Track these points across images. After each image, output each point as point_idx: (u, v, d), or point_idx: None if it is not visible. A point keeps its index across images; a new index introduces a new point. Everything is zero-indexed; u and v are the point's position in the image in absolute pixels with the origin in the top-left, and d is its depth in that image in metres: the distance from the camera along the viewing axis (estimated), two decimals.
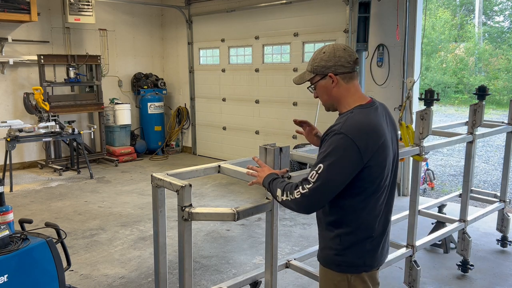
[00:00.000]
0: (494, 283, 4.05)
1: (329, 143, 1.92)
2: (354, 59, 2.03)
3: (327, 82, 2.05)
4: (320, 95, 2.14)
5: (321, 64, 2.04)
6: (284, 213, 5.96)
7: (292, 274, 4.01)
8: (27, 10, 7.71)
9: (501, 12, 21.74)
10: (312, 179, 1.90)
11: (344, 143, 1.88)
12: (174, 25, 10.12)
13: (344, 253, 2.05)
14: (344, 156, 1.88)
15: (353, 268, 2.07)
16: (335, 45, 2.06)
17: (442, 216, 4.68)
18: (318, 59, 2.05)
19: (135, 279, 4.19)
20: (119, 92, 9.89)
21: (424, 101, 3.66)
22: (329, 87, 2.06)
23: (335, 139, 1.90)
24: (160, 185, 2.49)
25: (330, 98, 2.09)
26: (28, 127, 7.36)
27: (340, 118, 2.02)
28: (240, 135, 8.99)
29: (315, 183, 1.90)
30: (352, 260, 2.06)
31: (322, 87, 2.09)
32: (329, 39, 7.24)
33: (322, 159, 1.91)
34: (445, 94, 19.58)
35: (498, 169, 8.62)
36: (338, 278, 2.09)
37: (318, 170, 1.90)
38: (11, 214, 2.93)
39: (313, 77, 2.10)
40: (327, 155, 1.90)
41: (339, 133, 1.90)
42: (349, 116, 1.98)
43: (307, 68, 2.13)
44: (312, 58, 2.10)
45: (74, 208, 6.25)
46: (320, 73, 2.05)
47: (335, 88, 2.05)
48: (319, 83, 2.08)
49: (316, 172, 1.90)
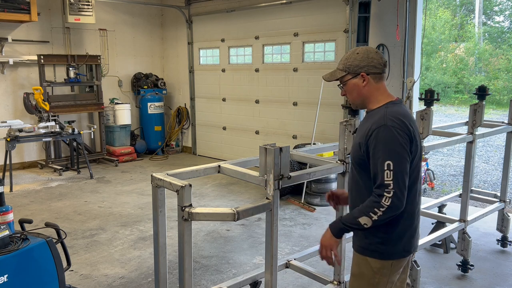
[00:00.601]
0: (494, 283, 4.05)
1: (381, 138, 2.03)
2: (384, 62, 2.21)
3: (358, 81, 2.19)
4: (349, 93, 2.25)
5: (355, 64, 2.17)
6: (284, 213, 5.97)
7: (292, 274, 4.01)
8: (27, 10, 7.71)
9: (501, 12, 21.75)
10: (388, 178, 1.99)
11: (396, 133, 2.02)
12: (174, 25, 10.12)
13: (389, 242, 2.17)
14: (401, 145, 2.02)
15: (396, 254, 2.20)
16: (368, 47, 2.23)
17: (442, 216, 4.67)
18: (352, 59, 2.19)
19: (135, 279, 4.19)
20: (119, 92, 9.89)
21: (424, 101, 3.66)
22: (360, 85, 2.19)
23: (385, 133, 2.03)
24: (160, 185, 2.49)
25: (360, 96, 2.22)
26: (28, 127, 7.35)
27: (375, 113, 2.15)
28: (240, 135, 8.99)
29: (394, 180, 1.99)
30: (396, 247, 2.18)
31: (353, 85, 2.21)
32: (329, 39, 7.24)
33: (385, 155, 2.01)
34: (445, 94, 19.58)
35: (498, 169, 8.62)
36: (379, 265, 2.19)
37: (389, 167, 1.99)
38: (11, 214, 2.93)
39: (345, 75, 2.21)
40: (387, 150, 2.01)
41: (386, 125, 2.04)
42: (386, 110, 2.12)
43: (338, 67, 2.24)
44: (344, 58, 2.22)
45: (74, 208, 6.25)
46: (353, 71, 2.18)
47: (366, 87, 2.19)
48: (351, 81, 2.20)
49: (390, 170, 1.99)
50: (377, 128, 2.05)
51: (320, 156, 3.26)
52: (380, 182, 2.01)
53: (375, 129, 2.06)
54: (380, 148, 2.03)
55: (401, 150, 2.02)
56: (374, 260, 2.20)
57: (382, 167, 2.00)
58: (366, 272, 2.23)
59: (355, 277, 2.31)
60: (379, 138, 2.03)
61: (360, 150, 2.15)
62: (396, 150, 2.01)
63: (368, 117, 2.22)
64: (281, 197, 6.36)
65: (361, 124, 2.29)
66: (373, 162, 2.06)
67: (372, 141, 2.06)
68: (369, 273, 2.22)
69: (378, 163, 2.02)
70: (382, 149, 2.02)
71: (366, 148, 2.10)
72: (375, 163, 2.04)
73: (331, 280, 3.21)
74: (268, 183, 2.43)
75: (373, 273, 2.21)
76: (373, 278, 2.22)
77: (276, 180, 2.41)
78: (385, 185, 1.99)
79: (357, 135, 2.27)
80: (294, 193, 6.63)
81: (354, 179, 2.28)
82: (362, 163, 2.16)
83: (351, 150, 2.32)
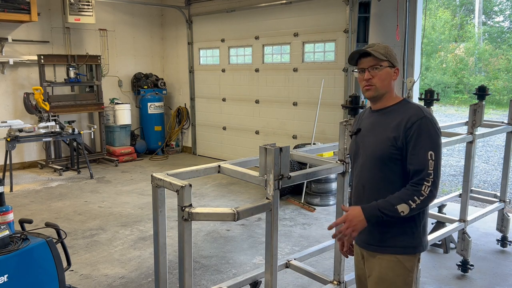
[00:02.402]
0: (494, 283, 4.05)
1: (425, 129, 2.09)
2: None
3: (392, 72, 2.25)
4: (382, 79, 2.23)
5: (394, 57, 2.25)
6: (284, 213, 5.97)
7: (292, 274, 4.01)
8: (27, 10, 7.71)
9: (501, 12, 21.73)
10: (431, 167, 2.05)
11: (436, 125, 2.13)
12: (174, 25, 10.13)
13: (418, 234, 2.21)
14: (439, 137, 2.13)
15: (424, 246, 2.25)
16: None
17: (442, 216, 4.68)
18: (391, 51, 2.25)
19: (135, 279, 4.19)
20: (119, 92, 9.89)
21: (424, 101, 3.67)
22: (392, 77, 2.25)
23: (427, 124, 2.10)
24: (160, 185, 2.49)
25: (388, 86, 2.25)
26: (28, 127, 7.35)
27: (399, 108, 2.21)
28: (240, 135, 8.99)
29: (434, 170, 2.06)
30: (423, 238, 2.23)
31: (387, 73, 2.23)
32: (329, 39, 7.24)
33: (429, 145, 2.07)
34: (445, 94, 19.58)
35: (498, 169, 8.62)
36: (410, 262, 2.20)
37: (431, 157, 2.06)
38: (11, 214, 2.93)
39: (385, 61, 2.23)
40: (431, 140, 2.08)
41: (426, 117, 2.11)
42: (411, 104, 2.22)
43: (379, 50, 2.21)
44: (383, 47, 2.23)
45: (74, 208, 6.26)
46: (393, 62, 2.24)
47: (394, 81, 2.28)
48: (387, 68, 2.23)
49: (432, 159, 2.06)
50: (418, 120, 2.09)
51: (320, 156, 3.26)
52: (424, 171, 2.05)
53: (415, 121, 2.09)
54: (424, 138, 2.07)
55: (439, 141, 2.12)
56: (407, 257, 2.18)
57: (426, 156, 2.06)
58: (399, 272, 2.17)
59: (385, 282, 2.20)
60: (422, 128, 2.08)
61: (396, 144, 2.12)
62: (437, 141, 2.10)
63: (386, 113, 2.23)
64: (281, 197, 6.36)
65: (376, 121, 2.26)
66: (413, 153, 2.08)
67: (414, 133, 2.08)
68: (403, 272, 2.18)
69: (421, 153, 2.07)
70: (426, 139, 2.07)
71: (405, 140, 2.10)
72: (416, 153, 2.08)
73: (331, 280, 3.21)
74: (268, 183, 2.43)
75: (407, 271, 2.18)
76: (408, 276, 2.19)
77: (276, 180, 2.41)
78: (428, 173, 2.05)
79: (377, 132, 2.22)
80: (294, 193, 6.64)
81: (375, 176, 2.21)
82: (393, 157, 2.14)
83: (373, 147, 2.23)
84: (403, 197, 2.06)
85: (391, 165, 2.16)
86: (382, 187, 2.19)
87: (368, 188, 2.26)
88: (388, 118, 2.19)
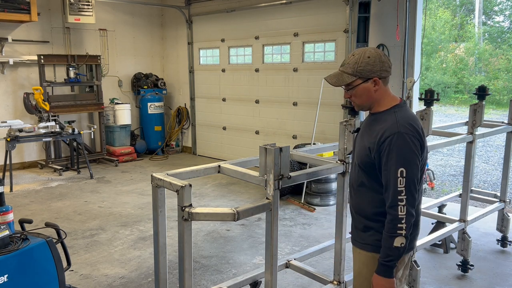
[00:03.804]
0: (494, 283, 4.05)
1: (395, 146, 2.03)
2: (391, 64, 2.18)
3: (370, 85, 2.14)
4: (358, 97, 2.19)
5: (367, 68, 2.11)
6: (284, 213, 5.97)
7: (292, 274, 4.01)
8: (27, 10, 7.71)
9: (501, 12, 21.74)
10: (401, 185, 2.02)
11: (409, 140, 2.03)
12: (174, 25, 10.13)
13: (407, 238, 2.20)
14: (414, 152, 2.04)
15: (409, 249, 2.22)
16: (378, 50, 2.17)
17: (442, 216, 4.67)
18: (363, 63, 2.11)
19: (135, 279, 4.19)
20: (119, 92, 9.89)
21: (424, 101, 3.66)
22: (371, 90, 2.15)
23: (399, 140, 2.03)
24: (160, 185, 2.49)
25: (370, 100, 2.18)
26: (28, 127, 7.35)
27: (384, 117, 2.14)
28: (240, 135, 8.99)
29: (406, 186, 2.02)
30: (411, 242, 2.21)
31: (363, 89, 2.15)
32: (329, 39, 7.24)
33: (399, 163, 2.02)
34: (445, 94, 19.58)
35: (498, 169, 8.62)
36: None
37: (402, 174, 2.01)
38: (11, 214, 2.93)
39: (355, 80, 2.14)
40: (401, 158, 2.02)
41: (399, 133, 2.04)
42: (396, 115, 2.11)
43: (346, 71, 2.16)
44: (353, 61, 2.14)
45: (74, 208, 6.26)
46: (365, 76, 2.12)
47: (377, 91, 2.16)
48: (361, 85, 2.14)
49: (403, 177, 2.01)
50: (390, 136, 2.04)
51: (320, 156, 3.26)
52: (394, 188, 2.03)
53: (388, 136, 2.05)
54: (393, 156, 2.03)
55: (414, 157, 2.04)
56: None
57: (396, 174, 2.02)
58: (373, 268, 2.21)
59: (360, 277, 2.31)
60: (393, 145, 2.03)
61: (371, 154, 2.14)
62: (409, 158, 2.03)
63: (375, 119, 2.19)
64: (281, 197, 6.37)
65: (367, 126, 2.26)
66: (386, 169, 2.07)
67: (386, 148, 2.05)
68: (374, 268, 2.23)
69: (391, 170, 2.03)
70: (396, 156, 2.03)
71: (378, 154, 2.10)
72: (387, 169, 2.05)
73: (331, 280, 3.21)
74: (268, 183, 2.43)
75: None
76: None
77: (276, 180, 2.41)
78: (399, 191, 2.02)
79: (364, 138, 2.24)
80: (294, 193, 6.64)
81: (359, 179, 2.28)
82: (371, 166, 2.16)
83: (357, 151, 2.29)
84: (390, 233, 2.06)
85: (369, 172, 2.19)
86: (364, 191, 2.25)
87: (355, 189, 2.33)
88: (374, 125, 2.17)
